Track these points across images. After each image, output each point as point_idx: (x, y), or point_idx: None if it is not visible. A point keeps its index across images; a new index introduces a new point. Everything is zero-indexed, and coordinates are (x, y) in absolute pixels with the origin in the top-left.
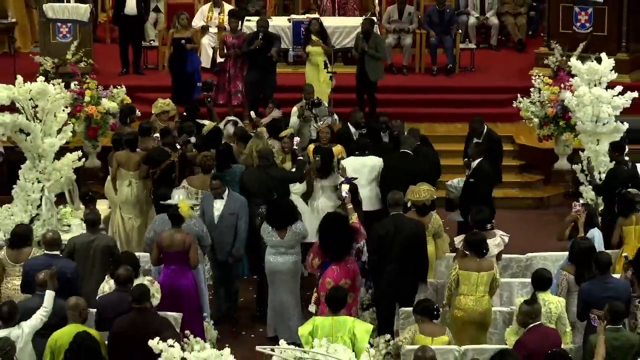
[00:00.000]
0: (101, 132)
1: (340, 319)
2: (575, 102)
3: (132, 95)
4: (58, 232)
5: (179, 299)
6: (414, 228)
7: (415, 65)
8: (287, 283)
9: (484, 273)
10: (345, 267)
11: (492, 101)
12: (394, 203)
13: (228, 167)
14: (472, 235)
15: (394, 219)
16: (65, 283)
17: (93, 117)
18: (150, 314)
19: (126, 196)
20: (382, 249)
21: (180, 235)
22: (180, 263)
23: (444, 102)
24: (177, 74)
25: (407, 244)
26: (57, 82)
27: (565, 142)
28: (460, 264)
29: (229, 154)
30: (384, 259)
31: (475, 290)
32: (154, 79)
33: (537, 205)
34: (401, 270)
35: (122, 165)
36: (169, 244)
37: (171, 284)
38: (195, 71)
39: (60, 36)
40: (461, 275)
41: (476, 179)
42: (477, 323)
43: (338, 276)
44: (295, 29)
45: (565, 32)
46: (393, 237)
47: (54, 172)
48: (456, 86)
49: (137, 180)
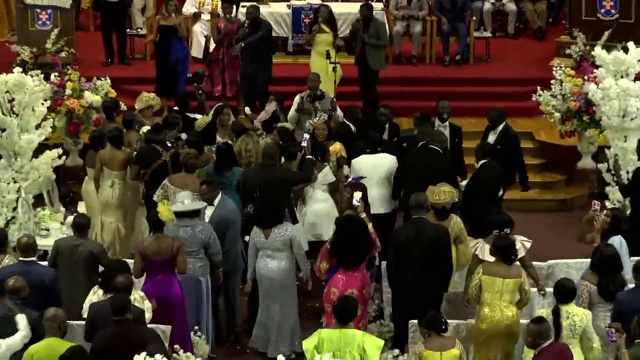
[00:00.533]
0: (83, 127)
1: (349, 333)
2: (600, 95)
3: (117, 87)
4: (33, 236)
5: (168, 311)
6: (435, 233)
7: (426, 55)
8: (275, 291)
9: (510, 280)
10: (353, 276)
11: (510, 94)
12: (418, 206)
13: (228, 168)
14: (500, 239)
15: (415, 223)
16: (44, 291)
17: (75, 112)
18: (133, 326)
19: (107, 198)
20: (402, 254)
21: (166, 241)
22: (167, 271)
23: (456, 95)
24: (160, 65)
25: (428, 250)
26: (35, 74)
27: (589, 139)
28: (484, 268)
29: (230, 153)
30: (403, 265)
31: (499, 299)
32: (142, 70)
33: (559, 207)
34: (421, 278)
35: (106, 164)
36: (155, 252)
37: (159, 295)
38: (179, 61)
39: (40, 23)
40: (484, 282)
41: (474, 182)
42: (504, 335)
43: (344, 286)
44: (295, 16)
45: (588, 19)
46: (413, 242)
47: (32, 171)
48: (470, 78)
49: (120, 181)
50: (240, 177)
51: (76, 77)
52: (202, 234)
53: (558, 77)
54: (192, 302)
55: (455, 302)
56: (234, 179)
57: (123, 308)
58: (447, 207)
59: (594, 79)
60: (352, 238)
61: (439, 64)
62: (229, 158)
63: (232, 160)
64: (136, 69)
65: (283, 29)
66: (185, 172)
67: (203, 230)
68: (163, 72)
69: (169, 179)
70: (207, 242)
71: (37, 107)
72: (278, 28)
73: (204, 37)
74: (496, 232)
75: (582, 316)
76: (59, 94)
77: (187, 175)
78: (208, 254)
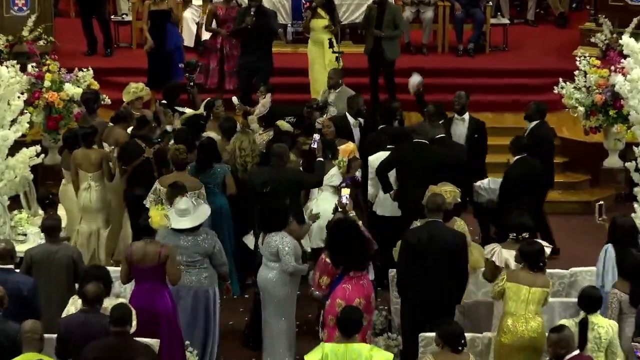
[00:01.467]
0: (64, 123)
1: (355, 347)
2: (628, 88)
3: (100, 79)
4: (12, 242)
5: (155, 324)
6: (451, 238)
7: (437, 43)
8: (270, 302)
9: (537, 289)
10: (359, 284)
11: (529, 87)
12: (435, 208)
13: (209, 166)
14: (528, 244)
15: (430, 226)
16: (22, 302)
17: (54, 106)
18: (131, 340)
19: (85, 203)
20: (413, 260)
21: (153, 247)
22: (155, 281)
23: (470, 87)
24: (153, 54)
25: (443, 256)
26: (11, 64)
27: (616, 135)
28: (509, 274)
29: (212, 149)
30: (414, 272)
31: (524, 309)
32: (127, 60)
33: (583, 210)
34: (434, 287)
35: (79, 165)
36: (140, 258)
37: (145, 306)
38: (176, 50)
39: (16, 9)
40: (509, 289)
41: (507, 181)
42: (528, 348)
43: (351, 295)
44: (294, 1)
45: (615, 5)
46: (426, 246)
47: (7, 170)
48: (486, 69)
49: (97, 183)
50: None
51: (56, 67)
52: (205, 242)
53: (582, 67)
54: (202, 315)
55: (470, 314)
56: (216, 178)
57: (123, 319)
58: (448, 208)
59: (621, 69)
60: (349, 242)
61: (452, 54)
62: (210, 154)
63: (213, 157)
64: (121, 59)
65: (282, 15)
66: (176, 171)
67: (206, 238)
68: (157, 63)
69: (160, 181)
70: (210, 251)
71: (13, 100)
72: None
73: (195, 24)
74: (513, 236)
75: (608, 328)
76: (37, 86)
77: (178, 174)
78: (212, 264)
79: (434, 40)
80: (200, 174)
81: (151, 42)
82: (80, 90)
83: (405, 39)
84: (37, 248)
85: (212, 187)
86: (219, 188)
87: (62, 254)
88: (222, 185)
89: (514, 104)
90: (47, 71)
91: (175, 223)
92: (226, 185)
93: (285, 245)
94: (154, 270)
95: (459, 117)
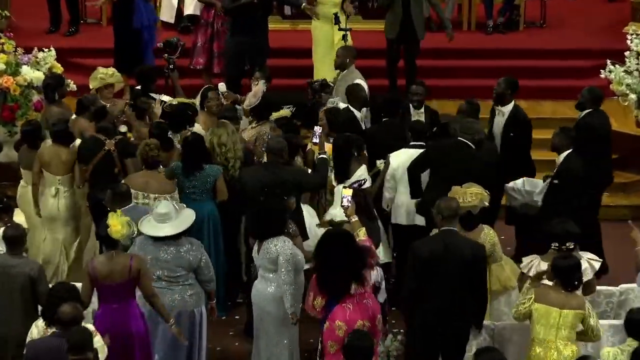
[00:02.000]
0: (21, 113)
1: None
2: None
3: (64, 61)
4: None
5: (128, 347)
6: (470, 250)
7: (463, 19)
8: (270, 323)
9: (570, 312)
10: (362, 303)
11: (571, 69)
12: (452, 214)
13: (199, 167)
14: (564, 258)
15: (444, 236)
16: None
17: (9, 92)
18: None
19: (51, 211)
20: (425, 275)
21: (121, 260)
22: (124, 299)
23: (501, 70)
24: (120, 32)
25: (460, 272)
26: None
27: None
28: (537, 294)
29: (200, 147)
30: (425, 291)
31: (555, 335)
32: (95, 39)
33: (635, 215)
34: (448, 309)
35: (46, 166)
36: (106, 274)
37: (113, 328)
38: (144, 28)
39: None
40: (536, 311)
41: (561, 179)
42: None
43: (352, 317)
44: None
45: None
46: (441, 260)
47: None
48: (520, 49)
49: (66, 188)
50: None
51: (11, 47)
52: (189, 254)
53: (634, 47)
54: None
55: (499, 338)
56: (207, 182)
57: (82, 346)
58: (473, 212)
59: None
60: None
61: (481, 31)
62: (197, 153)
63: (202, 156)
64: (89, 38)
65: None
66: (145, 169)
67: (191, 249)
68: (123, 42)
69: (127, 181)
70: (196, 265)
71: None
72: None
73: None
74: (555, 246)
75: None
76: None
77: (148, 174)
78: (198, 280)
79: (459, 16)
80: (190, 177)
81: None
82: (40, 74)
83: (425, 13)
84: None
85: (200, 192)
86: (209, 193)
87: (20, 270)
88: (212, 189)
89: (553, 90)
90: (1, 52)
91: (154, 230)
92: (217, 190)
93: (288, 250)
94: (124, 286)
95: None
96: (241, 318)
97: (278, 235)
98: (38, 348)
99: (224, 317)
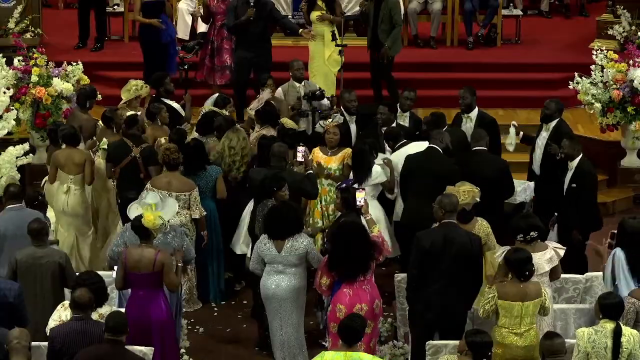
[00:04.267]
0: (52, 120)
1: (355, 356)
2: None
3: (90, 74)
4: None
5: (148, 331)
6: (467, 240)
7: (446, 36)
8: (293, 311)
9: (529, 302)
10: (361, 289)
11: (543, 81)
12: (451, 209)
13: (202, 168)
14: (515, 251)
15: (444, 229)
16: (8, 309)
17: (42, 102)
18: (123, 349)
19: (62, 206)
20: (426, 264)
21: (149, 252)
22: (150, 287)
23: (481, 82)
24: (149, 47)
25: (458, 261)
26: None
27: (634, 133)
28: (499, 291)
29: (202, 150)
30: (425, 277)
31: (519, 324)
32: (118, 54)
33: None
34: (446, 294)
35: (61, 166)
36: (134, 264)
37: (138, 314)
38: (171, 42)
39: (1, 0)
40: (501, 307)
41: (579, 182)
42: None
43: (351, 301)
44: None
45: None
46: (440, 251)
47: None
48: (497, 63)
49: (77, 187)
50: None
51: (43, 61)
52: (174, 240)
53: (599, 62)
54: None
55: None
56: (209, 181)
57: (119, 329)
58: (467, 208)
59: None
60: (349, 247)
61: (462, 47)
62: (200, 155)
63: (203, 158)
64: (112, 53)
65: (282, 6)
66: (167, 171)
67: (175, 236)
68: (153, 56)
69: (152, 182)
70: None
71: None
72: (276, 5)
73: (190, 14)
74: (521, 237)
75: (630, 337)
76: (24, 81)
77: (170, 174)
78: None
79: (443, 33)
80: (193, 177)
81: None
82: (70, 85)
83: (413, 31)
84: (23, 252)
85: (203, 191)
86: (210, 192)
87: (50, 259)
88: (213, 188)
89: (527, 99)
90: (34, 65)
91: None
92: (217, 189)
93: (312, 244)
94: (148, 277)
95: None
96: (248, 303)
97: (299, 232)
98: (61, 332)
99: (223, 303)
